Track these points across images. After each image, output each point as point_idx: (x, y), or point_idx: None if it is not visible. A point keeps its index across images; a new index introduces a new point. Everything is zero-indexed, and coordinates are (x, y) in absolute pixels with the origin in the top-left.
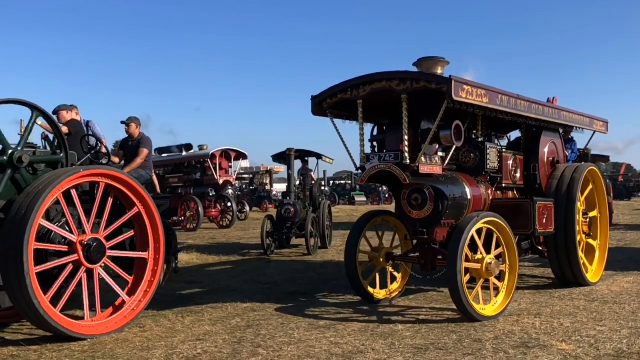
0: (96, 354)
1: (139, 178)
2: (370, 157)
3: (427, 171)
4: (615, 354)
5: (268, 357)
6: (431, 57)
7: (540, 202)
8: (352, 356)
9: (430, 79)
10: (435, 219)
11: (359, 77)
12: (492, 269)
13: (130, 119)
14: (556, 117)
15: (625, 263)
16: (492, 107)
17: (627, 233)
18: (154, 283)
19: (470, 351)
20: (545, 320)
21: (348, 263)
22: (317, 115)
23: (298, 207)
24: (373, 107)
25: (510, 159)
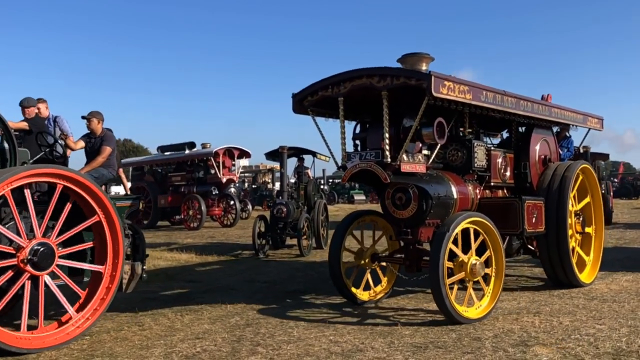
0: (95, 352)
1: (100, 178)
2: (352, 155)
3: (410, 170)
4: (615, 352)
5: (267, 355)
6: (415, 53)
7: (530, 201)
8: (351, 355)
9: (410, 75)
10: (420, 218)
11: (339, 74)
12: (476, 271)
13: (92, 114)
14: (547, 114)
15: (624, 262)
16: (476, 103)
17: (627, 232)
18: (106, 301)
19: (469, 350)
20: (545, 319)
21: (331, 263)
22: (298, 113)
23: (291, 206)
24: (355, 104)
25: (499, 157)
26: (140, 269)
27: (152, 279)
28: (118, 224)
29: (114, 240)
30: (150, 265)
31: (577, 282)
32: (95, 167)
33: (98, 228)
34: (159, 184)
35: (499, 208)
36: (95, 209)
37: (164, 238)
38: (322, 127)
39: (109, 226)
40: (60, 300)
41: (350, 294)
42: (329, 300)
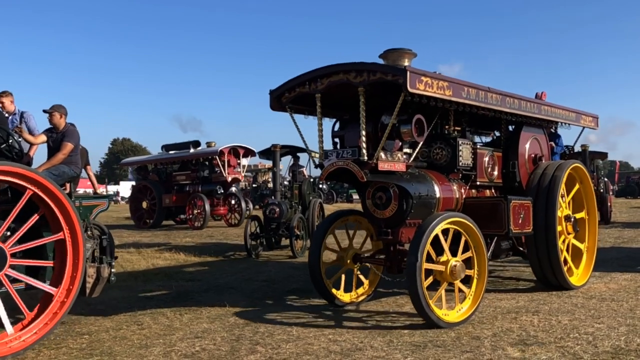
0: (94, 351)
1: (61, 176)
2: (329, 153)
3: (388, 168)
4: (613, 351)
5: (266, 354)
6: (397, 49)
7: (516, 200)
8: (350, 353)
9: (386, 71)
10: (400, 218)
11: (316, 70)
12: (457, 272)
13: (54, 108)
14: (536, 112)
15: (623, 260)
16: (456, 100)
17: (625, 230)
18: (66, 304)
19: (468, 348)
20: (544, 318)
21: (311, 263)
22: (276, 111)
23: (283, 206)
24: (334, 100)
25: (486, 155)
26: (107, 272)
27: (151, 278)
28: (76, 221)
29: (73, 239)
30: (149, 264)
31: (567, 284)
32: (55, 164)
33: (55, 225)
34: (164, 183)
35: (484, 208)
36: (50, 204)
37: (162, 237)
38: (304, 124)
39: (66, 223)
40: (18, 304)
41: (330, 295)
42: None
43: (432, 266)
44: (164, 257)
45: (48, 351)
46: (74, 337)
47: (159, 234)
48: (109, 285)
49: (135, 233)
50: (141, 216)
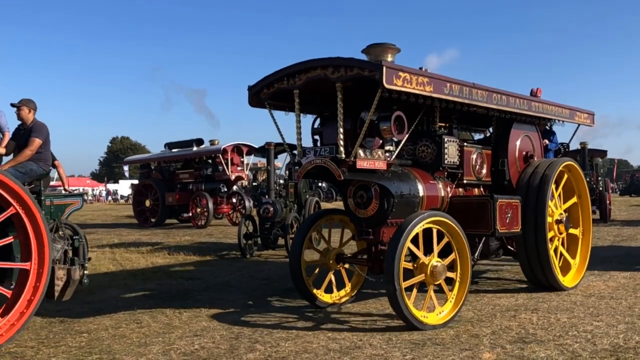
0: (93, 349)
1: (28, 173)
2: (307, 151)
3: (367, 166)
4: (612, 348)
5: (265, 352)
6: (380, 44)
7: (503, 199)
8: (349, 351)
9: (363, 66)
10: (381, 218)
11: (294, 65)
12: (437, 273)
13: (22, 102)
14: (526, 109)
15: (622, 258)
16: (437, 96)
17: (624, 229)
18: (34, 302)
19: (467, 346)
20: (542, 316)
21: (291, 263)
22: (255, 107)
23: (278, 206)
24: (314, 96)
25: (473, 153)
26: (79, 274)
27: (150, 276)
28: (39, 217)
29: (37, 235)
30: (148, 262)
31: (559, 285)
32: (22, 162)
33: (19, 223)
34: (167, 182)
35: (470, 207)
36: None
37: (162, 236)
38: (285, 121)
39: (29, 220)
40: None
41: (311, 295)
42: None
43: (410, 266)
44: (163, 256)
45: (47, 349)
46: (73, 335)
47: (159, 232)
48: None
49: (134, 231)
50: (144, 214)
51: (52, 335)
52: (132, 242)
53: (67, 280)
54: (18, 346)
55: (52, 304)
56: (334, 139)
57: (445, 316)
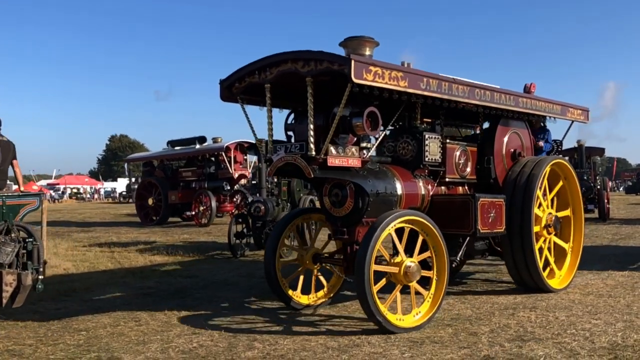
0: (91, 347)
1: None
2: (278, 147)
3: (339, 164)
4: (610, 347)
5: (264, 350)
6: (357, 37)
7: (485, 198)
8: (347, 349)
9: (332, 60)
10: (356, 217)
11: (265, 58)
12: (411, 274)
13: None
14: (512, 105)
15: (620, 257)
16: (413, 91)
17: (622, 227)
18: None
19: (465, 344)
20: (541, 314)
21: (266, 262)
22: (227, 101)
23: (269, 204)
24: (288, 91)
25: (457, 150)
26: (31, 279)
27: (148, 274)
28: None
29: None
30: (147, 261)
31: (546, 287)
32: None
33: None
34: (170, 180)
35: (451, 206)
36: None
37: (160, 234)
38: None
39: None
40: None
41: (286, 296)
42: None
43: (385, 268)
44: (161, 254)
45: (45, 347)
46: (71, 333)
47: (157, 231)
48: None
49: (133, 230)
50: (147, 213)
51: (51, 334)
52: (131, 240)
53: (17, 286)
54: (16, 344)
55: (50, 303)
56: (305, 135)
57: (422, 318)
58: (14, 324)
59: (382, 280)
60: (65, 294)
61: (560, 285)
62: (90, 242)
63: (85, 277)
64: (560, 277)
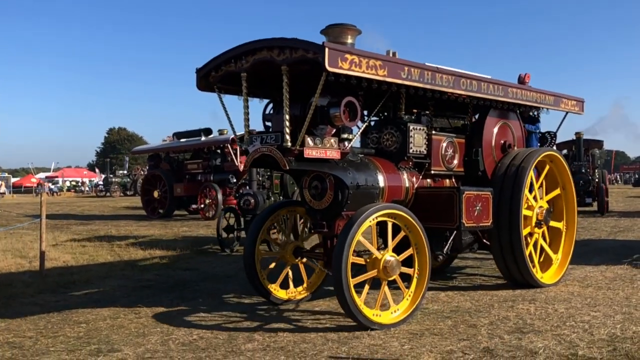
0: (91, 340)
1: None
2: (253, 138)
3: (316, 155)
4: (609, 339)
5: (264, 342)
6: (339, 24)
7: (470, 191)
8: (347, 341)
9: (307, 48)
10: (336, 210)
11: (240, 46)
12: (390, 268)
13: None
14: (500, 95)
15: (619, 249)
16: (392, 81)
17: (621, 220)
18: None
19: (465, 336)
20: (540, 306)
21: (245, 255)
22: (203, 91)
23: (259, 197)
24: (268, 80)
25: (443, 142)
26: None
27: (148, 267)
28: None
29: None
30: (146, 253)
31: (535, 282)
32: None
33: None
34: (175, 172)
35: (436, 199)
36: None
37: (160, 227)
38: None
39: None
40: None
41: (265, 291)
42: (324, 288)
43: (361, 260)
44: (160, 247)
45: (45, 340)
46: (71, 325)
47: (156, 223)
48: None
49: (132, 222)
50: (153, 206)
51: (51, 326)
52: (130, 233)
53: None
54: (16, 336)
55: (50, 295)
56: (282, 126)
57: (400, 315)
58: (13, 316)
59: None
60: (65, 287)
61: (551, 280)
62: (89, 234)
63: (84, 270)
64: (551, 273)
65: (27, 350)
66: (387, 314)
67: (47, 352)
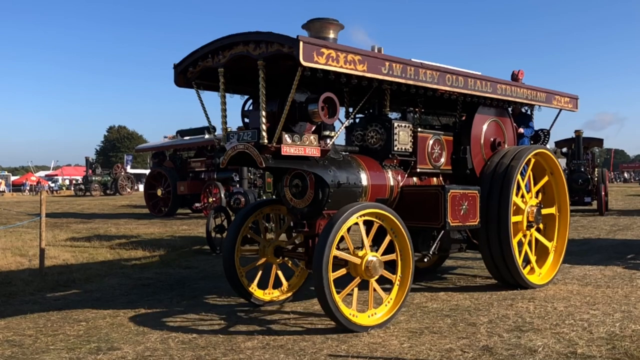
0: (91, 338)
1: None
2: (230, 135)
3: (294, 153)
4: (608, 337)
5: (263, 341)
6: (320, 19)
7: (456, 190)
8: (347, 340)
9: (283, 42)
10: (317, 209)
11: (216, 41)
12: (372, 269)
13: None
14: (489, 91)
15: (618, 248)
16: (372, 76)
17: (620, 218)
18: None
19: (464, 335)
20: (539, 304)
21: (225, 256)
22: (182, 87)
23: (250, 196)
24: (247, 75)
25: (429, 139)
26: None
27: (147, 265)
28: None
29: None
30: (146, 252)
31: (525, 283)
32: None
33: None
34: (179, 170)
35: (421, 198)
36: None
37: (159, 226)
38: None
39: None
40: None
41: (246, 292)
42: None
43: (342, 255)
44: (160, 245)
45: (45, 338)
46: (71, 324)
47: (156, 222)
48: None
49: (131, 221)
50: (156, 204)
51: (50, 324)
52: (130, 231)
53: None
54: (16, 334)
55: (50, 293)
56: (259, 123)
57: (379, 319)
58: (13, 314)
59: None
60: (65, 285)
61: (541, 281)
62: (89, 233)
63: (84, 268)
64: (541, 273)
65: (26, 348)
66: (363, 316)
67: (47, 351)
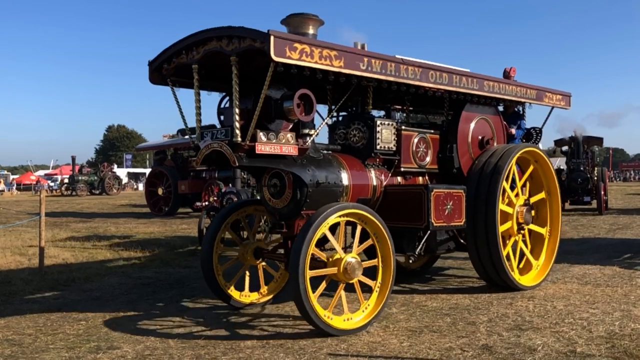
0: (91, 337)
1: None
2: (204, 134)
3: (270, 151)
4: (608, 336)
5: (263, 339)
6: (299, 14)
7: (440, 189)
8: (347, 339)
9: (254, 37)
10: (295, 209)
11: (189, 36)
12: (351, 270)
13: None
14: (475, 88)
15: (618, 247)
16: (349, 72)
17: (620, 217)
18: None
19: (464, 333)
20: (539, 303)
21: (203, 257)
22: (156, 84)
23: (243, 195)
24: (222, 72)
25: (414, 137)
26: None
27: (147, 264)
28: None
29: None
30: (145, 251)
31: (513, 284)
32: None
33: None
34: (180, 169)
35: (404, 198)
36: None
37: (159, 225)
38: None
39: None
40: None
41: (225, 294)
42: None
43: (320, 254)
44: (159, 244)
45: (45, 337)
46: (70, 323)
47: (156, 221)
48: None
49: (131, 220)
50: (157, 203)
51: (50, 323)
52: (129, 230)
53: None
54: (16, 334)
55: (49, 293)
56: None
57: (355, 323)
58: (13, 313)
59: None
60: (65, 284)
61: (531, 283)
62: (88, 232)
63: (84, 267)
64: (532, 274)
65: (26, 347)
66: (338, 319)
67: (47, 350)
